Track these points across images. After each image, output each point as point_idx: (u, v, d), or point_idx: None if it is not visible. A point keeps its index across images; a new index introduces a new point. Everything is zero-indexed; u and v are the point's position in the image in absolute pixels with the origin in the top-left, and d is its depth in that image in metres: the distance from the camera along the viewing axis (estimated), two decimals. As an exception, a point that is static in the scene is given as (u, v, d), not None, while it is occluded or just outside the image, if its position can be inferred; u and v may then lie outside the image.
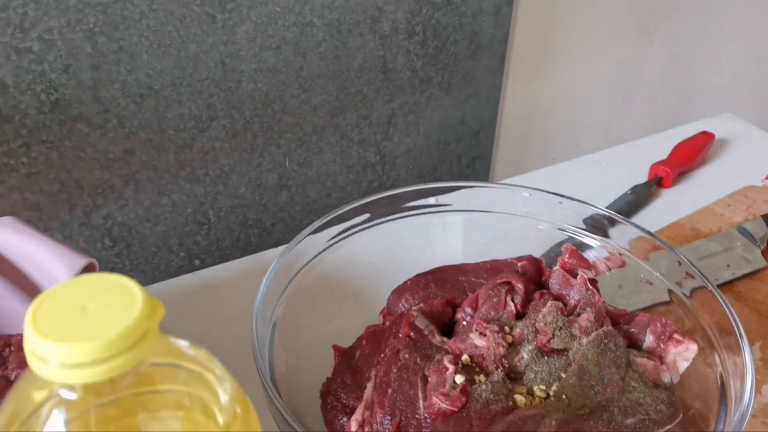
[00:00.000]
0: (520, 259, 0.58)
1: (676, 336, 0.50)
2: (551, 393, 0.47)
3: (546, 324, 0.50)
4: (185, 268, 0.91)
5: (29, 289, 0.47)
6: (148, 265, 0.88)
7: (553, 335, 0.49)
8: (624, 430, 0.44)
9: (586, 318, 0.50)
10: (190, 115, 0.82)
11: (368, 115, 0.96)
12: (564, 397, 0.46)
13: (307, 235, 0.56)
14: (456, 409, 0.45)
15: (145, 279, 0.88)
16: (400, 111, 0.99)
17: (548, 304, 0.51)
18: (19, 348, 0.49)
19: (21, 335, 0.50)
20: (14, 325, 0.50)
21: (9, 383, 0.46)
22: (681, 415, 0.46)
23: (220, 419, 0.25)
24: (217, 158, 0.86)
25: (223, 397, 0.26)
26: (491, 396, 0.46)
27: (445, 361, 0.47)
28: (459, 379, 0.46)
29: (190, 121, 0.82)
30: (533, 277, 0.57)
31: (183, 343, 0.28)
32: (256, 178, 0.91)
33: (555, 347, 0.49)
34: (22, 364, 0.47)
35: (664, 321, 0.50)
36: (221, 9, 0.78)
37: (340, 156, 0.97)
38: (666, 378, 0.48)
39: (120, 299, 0.23)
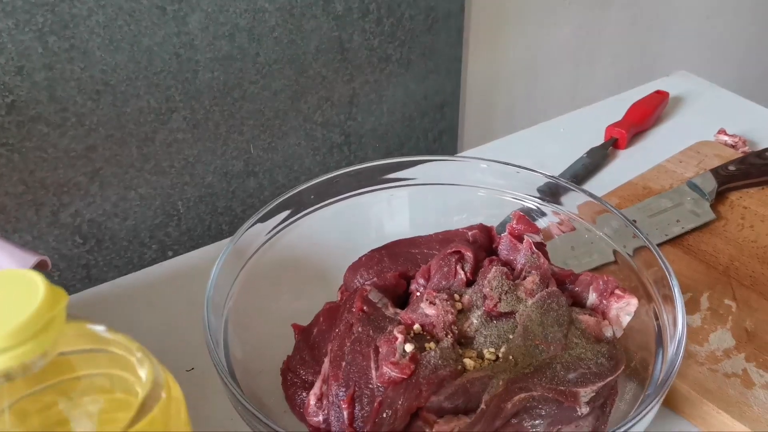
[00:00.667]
0: (470, 228, 0.60)
1: (617, 292, 0.51)
2: (500, 355, 0.49)
3: (492, 289, 0.51)
4: (158, 260, 0.92)
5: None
6: (121, 260, 0.89)
7: (500, 299, 0.51)
8: (567, 384, 0.46)
9: (531, 281, 0.52)
10: (149, 108, 0.83)
11: (329, 96, 0.98)
12: (511, 357, 0.48)
13: (256, 221, 0.58)
14: (405, 376, 0.46)
15: (119, 273, 0.89)
16: (362, 90, 1.00)
17: (493, 270, 0.52)
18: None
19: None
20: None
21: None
22: (623, 366, 0.48)
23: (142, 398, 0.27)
24: (181, 149, 0.87)
25: (145, 378, 0.28)
26: (440, 361, 0.48)
27: (395, 332, 0.49)
28: (408, 347, 0.48)
29: (150, 114, 0.83)
30: (484, 244, 0.59)
31: (100, 328, 0.29)
32: (222, 166, 0.92)
33: (502, 311, 0.51)
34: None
35: (605, 278, 0.52)
36: (170, 0, 0.78)
37: (305, 139, 0.98)
38: (608, 332, 0.50)
39: (23, 291, 0.25)
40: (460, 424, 0.46)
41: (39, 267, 0.46)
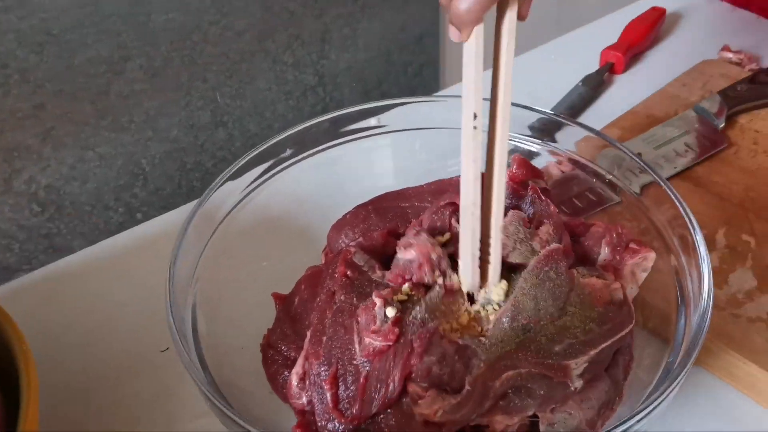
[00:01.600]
0: (465, 175, 0.54)
1: (632, 245, 0.46)
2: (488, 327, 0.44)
3: (507, 235, 0.45)
4: (126, 223, 0.86)
5: None
6: (86, 226, 0.83)
7: (513, 248, 0.46)
8: (554, 356, 0.41)
9: (545, 231, 0.46)
10: (99, 58, 0.75)
11: (299, 34, 0.90)
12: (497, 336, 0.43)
13: (226, 179, 0.52)
14: (390, 343, 0.41)
15: (84, 241, 0.83)
16: (334, 25, 0.92)
17: (510, 214, 0.46)
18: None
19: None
20: None
21: None
22: (628, 328, 0.43)
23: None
24: (140, 102, 0.80)
25: None
26: (426, 315, 0.43)
27: (374, 296, 0.44)
28: (390, 312, 0.42)
29: (101, 64, 0.75)
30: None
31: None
32: (187, 118, 0.85)
33: (513, 261, 0.46)
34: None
35: (619, 230, 0.47)
36: (111, -65, 0.70)
37: (276, 82, 0.91)
38: (617, 295, 0.44)
39: None
40: (445, 405, 0.41)
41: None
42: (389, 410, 0.42)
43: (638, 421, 0.36)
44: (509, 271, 0.46)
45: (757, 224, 0.57)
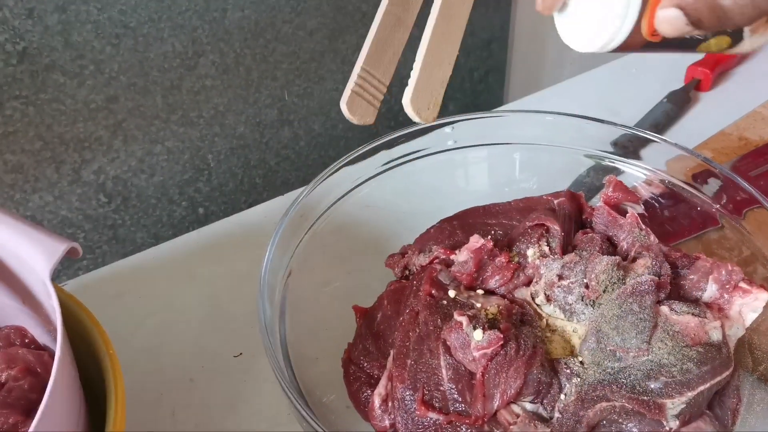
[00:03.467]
0: (556, 195, 0.52)
1: (742, 284, 0.43)
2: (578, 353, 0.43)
3: (598, 283, 0.44)
4: (189, 217, 0.85)
5: (11, 281, 0.42)
6: (149, 219, 0.82)
7: (604, 291, 0.44)
8: (649, 393, 0.39)
9: (643, 265, 0.44)
10: (174, 52, 0.74)
11: (370, 34, 0.88)
12: (582, 360, 0.42)
13: (313, 190, 0.50)
14: (499, 347, 0.40)
15: (147, 234, 0.83)
16: (405, 26, 0.91)
17: (605, 261, 0.44)
18: (8, 343, 0.44)
19: (8, 328, 0.45)
20: (1, 317, 0.45)
21: (9, 391, 0.41)
22: (727, 371, 0.40)
23: None
24: (210, 97, 0.79)
25: None
26: (525, 331, 0.42)
27: (456, 316, 0.42)
28: (478, 335, 0.41)
29: (175, 59, 0.74)
30: (572, 214, 0.51)
31: None
32: (255, 115, 0.84)
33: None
34: (12, 363, 0.42)
35: (729, 267, 0.44)
36: (195, -71, 0.69)
37: (343, 83, 0.89)
38: (715, 335, 0.42)
39: None
40: (537, 431, 0.40)
41: (69, 254, 0.39)
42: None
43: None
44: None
45: None
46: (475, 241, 0.47)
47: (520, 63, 1.06)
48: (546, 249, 0.48)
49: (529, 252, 0.48)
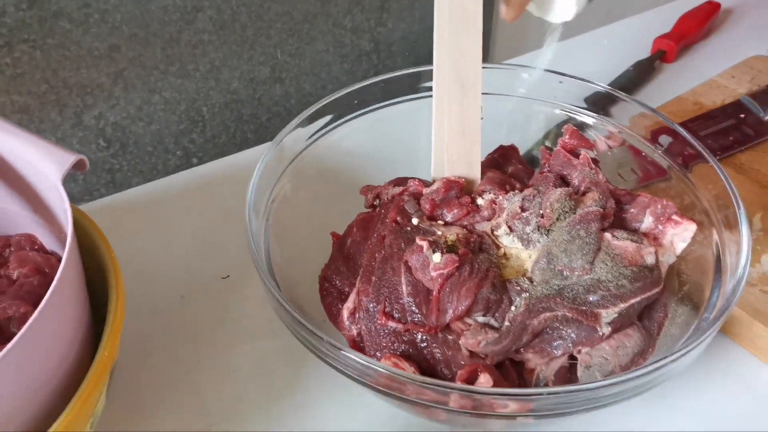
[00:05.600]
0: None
1: (674, 217, 0.49)
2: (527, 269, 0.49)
3: (552, 210, 0.49)
4: (183, 167, 0.90)
5: (23, 188, 0.47)
6: (145, 165, 0.87)
7: (557, 219, 0.49)
8: (588, 305, 0.45)
9: (591, 198, 0.50)
10: (174, 6, 0.78)
11: (360, 0, 0.93)
12: (535, 277, 0.48)
13: (297, 126, 0.55)
14: (454, 269, 0.46)
15: (143, 179, 0.87)
16: (394, -6, 0.95)
17: (558, 191, 0.50)
18: (19, 248, 0.49)
19: (19, 235, 0.50)
20: (12, 225, 0.50)
21: (12, 282, 0.46)
22: (657, 289, 0.46)
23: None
24: (207, 52, 0.84)
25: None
26: (481, 256, 0.48)
27: (418, 240, 0.48)
28: (436, 257, 0.46)
29: (175, 12, 0.79)
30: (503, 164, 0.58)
31: None
32: (249, 71, 0.89)
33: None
34: (23, 263, 0.47)
35: (664, 202, 0.50)
36: None
37: (333, 45, 0.94)
38: (649, 259, 0.47)
39: None
40: (487, 337, 0.45)
41: (77, 167, 0.44)
42: (436, 346, 0.46)
43: (666, 365, 0.39)
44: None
45: (792, 212, 0.60)
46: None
47: (503, 33, 1.11)
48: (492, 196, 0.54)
49: (486, 197, 0.54)
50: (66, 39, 0.73)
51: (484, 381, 0.41)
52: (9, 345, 0.35)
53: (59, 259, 0.49)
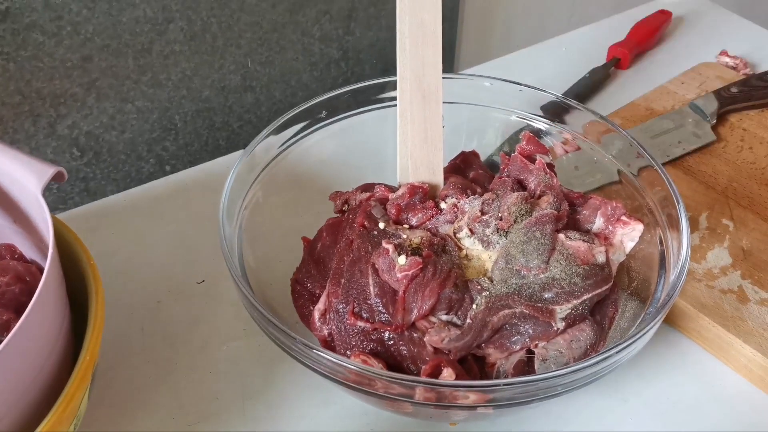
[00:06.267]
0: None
1: (623, 218, 0.53)
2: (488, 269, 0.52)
3: (510, 213, 0.52)
4: (156, 174, 0.92)
5: (2, 200, 0.49)
6: (119, 173, 0.89)
7: (515, 221, 0.52)
8: (543, 302, 0.48)
9: (546, 200, 0.53)
10: (145, 17, 0.80)
11: (328, 9, 0.95)
12: (494, 277, 0.51)
13: (269, 134, 0.58)
14: (418, 270, 0.48)
15: (117, 187, 0.89)
16: (361, 4, 0.98)
17: (515, 195, 0.53)
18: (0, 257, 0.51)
19: (2, 245, 0.51)
20: (-9, 235, 0.52)
21: (2, 294, 0.48)
22: (607, 286, 0.49)
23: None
24: (178, 62, 0.86)
25: None
26: (444, 258, 0.51)
27: (384, 244, 0.50)
28: (402, 259, 0.49)
29: (146, 23, 0.81)
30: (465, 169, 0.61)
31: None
32: (220, 80, 0.91)
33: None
34: (4, 272, 0.49)
35: (614, 204, 0.53)
36: None
37: (303, 53, 0.97)
38: (600, 258, 0.51)
39: None
40: (450, 334, 0.48)
41: (56, 178, 0.46)
42: (403, 343, 0.49)
43: (614, 355, 0.42)
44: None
45: (736, 211, 0.64)
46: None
47: (468, 41, 1.14)
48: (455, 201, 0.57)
49: (448, 201, 0.57)
50: (39, 50, 0.75)
51: (447, 375, 0.44)
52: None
53: (39, 268, 0.50)
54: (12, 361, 0.39)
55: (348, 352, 0.49)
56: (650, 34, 0.87)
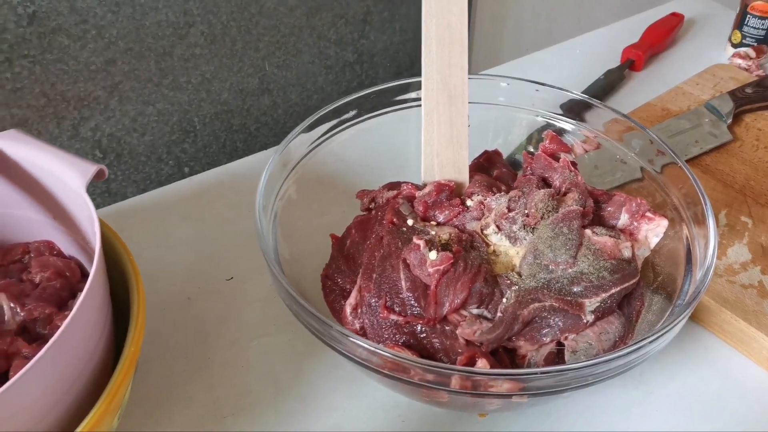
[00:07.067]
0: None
1: (648, 214, 0.54)
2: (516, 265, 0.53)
3: (537, 210, 0.53)
4: (175, 176, 0.93)
5: (44, 198, 0.50)
6: (139, 175, 0.90)
7: (542, 217, 0.53)
8: (573, 295, 0.49)
9: (571, 197, 0.54)
10: (167, 21, 0.82)
11: (344, 13, 0.97)
12: (523, 272, 0.52)
13: (301, 132, 0.59)
14: (449, 265, 0.49)
15: (137, 188, 0.90)
16: (375, 8, 0.99)
17: (542, 192, 0.54)
18: (39, 253, 0.52)
19: (38, 242, 0.52)
20: (30, 233, 0.53)
21: (35, 286, 0.49)
22: (634, 280, 0.50)
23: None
24: (198, 65, 0.87)
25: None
26: (473, 253, 0.52)
27: (414, 239, 0.51)
28: (433, 255, 0.50)
29: (168, 28, 0.82)
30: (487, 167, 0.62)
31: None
32: (238, 83, 0.92)
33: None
34: (45, 268, 0.50)
35: (639, 201, 0.54)
36: None
37: (319, 57, 0.98)
38: (626, 252, 0.52)
39: None
40: (482, 327, 0.49)
41: (97, 176, 0.47)
42: (435, 336, 0.50)
43: (644, 346, 0.44)
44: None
45: (754, 208, 0.65)
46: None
47: (480, 45, 1.16)
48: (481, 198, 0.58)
49: (475, 198, 0.58)
50: (64, 54, 0.76)
51: (482, 365, 0.45)
52: (47, 345, 0.38)
53: (78, 264, 0.52)
54: (61, 354, 0.40)
55: (380, 345, 0.50)
56: (663, 37, 0.88)
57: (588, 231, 0.52)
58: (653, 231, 0.53)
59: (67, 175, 0.46)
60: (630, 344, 0.44)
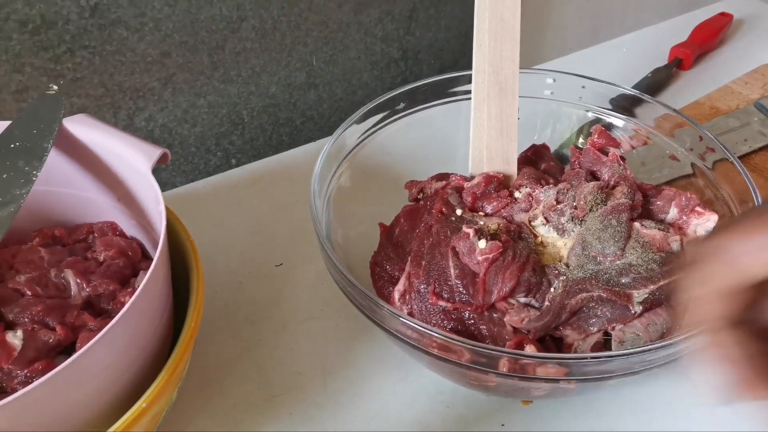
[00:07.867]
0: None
1: (698, 209, 0.54)
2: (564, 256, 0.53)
3: (585, 202, 0.54)
4: (222, 167, 0.95)
5: (109, 180, 0.52)
6: (188, 165, 0.92)
7: (590, 210, 0.54)
8: (621, 286, 0.49)
9: (620, 191, 0.55)
10: (221, 16, 0.84)
11: (391, 10, 0.98)
12: (570, 263, 0.52)
13: (353, 123, 0.60)
14: (498, 254, 0.50)
15: (186, 179, 0.92)
16: (422, 5, 1.00)
17: (591, 185, 0.55)
18: (102, 233, 0.54)
19: (101, 223, 0.55)
20: (95, 213, 0.55)
21: (99, 264, 0.51)
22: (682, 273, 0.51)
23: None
24: (248, 59, 0.89)
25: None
26: (521, 243, 0.52)
27: (464, 228, 0.52)
28: (482, 243, 0.51)
29: (221, 22, 0.84)
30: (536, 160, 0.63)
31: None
32: (286, 77, 0.94)
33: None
34: (109, 247, 0.52)
35: (689, 195, 0.54)
36: None
37: (365, 53, 0.99)
38: (675, 246, 0.52)
39: None
40: (530, 315, 0.50)
41: (162, 159, 0.49)
42: (483, 323, 0.51)
43: (694, 336, 0.44)
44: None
45: (803, 207, 0.65)
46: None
47: (522, 43, 1.16)
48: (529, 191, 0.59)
49: (523, 190, 0.59)
50: (122, 45, 0.79)
51: (531, 350, 0.46)
52: (116, 316, 0.39)
53: (140, 244, 0.54)
54: (129, 326, 0.41)
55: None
56: (712, 36, 0.88)
57: (637, 224, 0.53)
58: (703, 226, 0.54)
59: (133, 157, 0.49)
60: (683, 332, 0.44)
